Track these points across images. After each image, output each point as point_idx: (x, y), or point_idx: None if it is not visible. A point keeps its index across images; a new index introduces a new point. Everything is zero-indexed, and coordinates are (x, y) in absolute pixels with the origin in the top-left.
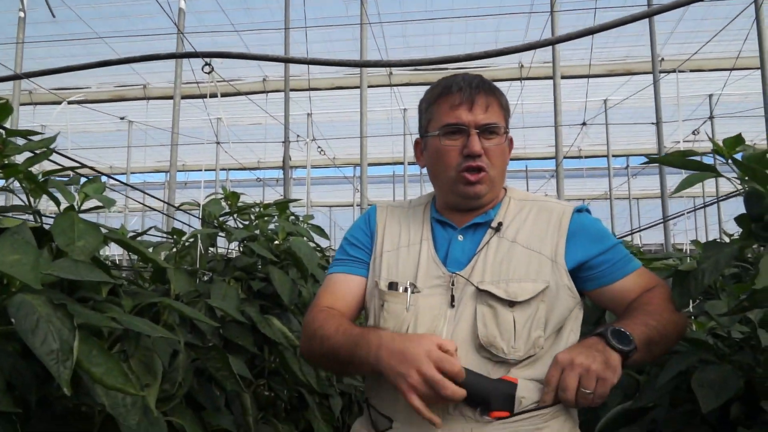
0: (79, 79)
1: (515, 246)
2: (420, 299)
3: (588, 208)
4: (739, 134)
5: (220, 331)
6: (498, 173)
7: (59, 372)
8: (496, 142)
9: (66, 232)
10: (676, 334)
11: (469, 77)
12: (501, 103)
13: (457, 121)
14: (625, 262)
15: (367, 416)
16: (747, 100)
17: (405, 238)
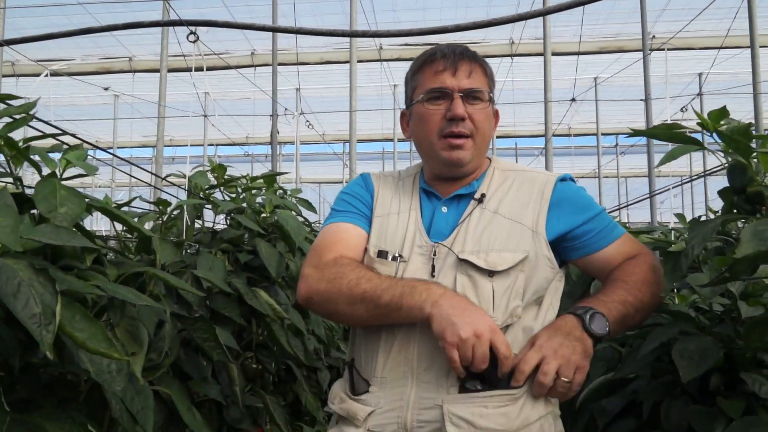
0: (63, 50)
1: (497, 216)
2: (405, 268)
3: (572, 177)
4: (724, 107)
5: (207, 302)
6: (482, 140)
7: (42, 336)
8: (481, 107)
9: (48, 199)
10: (652, 306)
11: (453, 45)
12: (485, 71)
13: (441, 86)
14: (609, 230)
15: (348, 378)
16: (737, 79)
17: (395, 206)
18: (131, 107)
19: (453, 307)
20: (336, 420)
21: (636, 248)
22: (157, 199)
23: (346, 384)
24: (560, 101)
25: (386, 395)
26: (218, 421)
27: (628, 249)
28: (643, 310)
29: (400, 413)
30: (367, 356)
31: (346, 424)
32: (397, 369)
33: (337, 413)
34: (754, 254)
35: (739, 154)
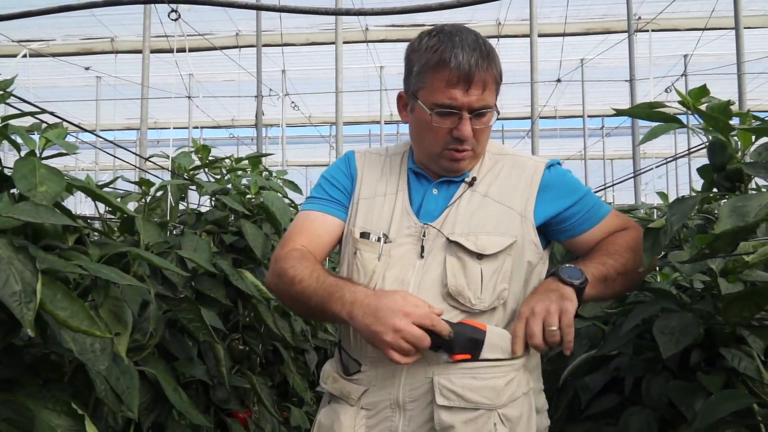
0: (43, 30)
1: (487, 200)
2: (392, 249)
3: (559, 162)
4: (704, 85)
5: (192, 283)
6: (482, 149)
7: (22, 313)
8: (486, 121)
9: (27, 177)
10: (635, 274)
11: (467, 45)
12: (496, 76)
13: (452, 103)
14: (595, 210)
15: (338, 359)
16: (722, 60)
17: (382, 187)
18: (114, 89)
19: (366, 315)
20: (328, 399)
21: (623, 223)
22: (140, 179)
23: (338, 364)
24: (546, 82)
25: (379, 373)
26: (205, 402)
27: (615, 225)
28: (627, 274)
29: (392, 390)
30: (356, 336)
31: (338, 402)
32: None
33: (330, 392)
34: (733, 230)
35: (719, 132)
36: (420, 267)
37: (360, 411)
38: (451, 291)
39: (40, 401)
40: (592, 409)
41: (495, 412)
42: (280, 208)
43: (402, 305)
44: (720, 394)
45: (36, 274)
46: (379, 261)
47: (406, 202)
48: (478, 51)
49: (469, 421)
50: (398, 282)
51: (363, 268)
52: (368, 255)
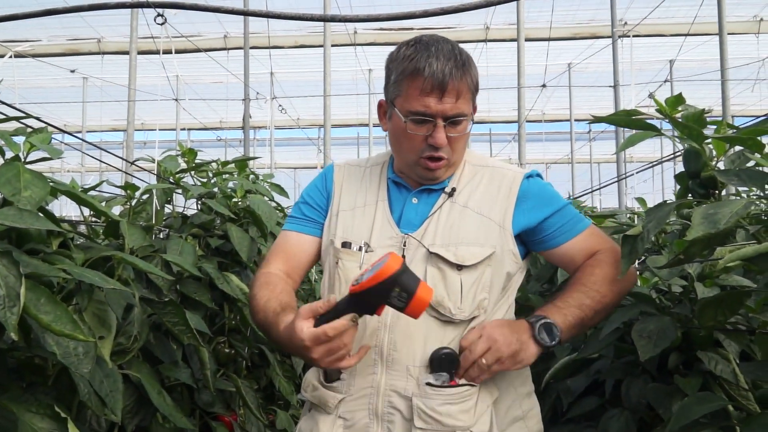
0: (29, 31)
1: (466, 211)
2: (372, 258)
3: (539, 173)
4: (680, 94)
5: (177, 287)
6: (458, 157)
7: (6, 318)
8: (461, 129)
9: (11, 182)
10: (615, 302)
11: (442, 55)
12: (471, 84)
13: (425, 111)
14: (573, 223)
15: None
16: (706, 66)
17: (361, 198)
18: (101, 90)
19: (289, 348)
20: (309, 408)
21: (598, 243)
22: (125, 183)
23: (319, 372)
24: (532, 87)
25: (357, 383)
26: (190, 405)
27: (590, 244)
28: (604, 310)
29: (371, 400)
30: None
31: (318, 411)
32: (368, 356)
33: (310, 401)
34: (704, 236)
35: (693, 140)
36: None
37: (337, 420)
38: (431, 302)
39: (23, 404)
40: (573, 411)
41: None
42: (266, 212)
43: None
44: (694, 396)
45: (20, 279)
46: (360, 270)
47: (387, 211)
48: (453, 60)
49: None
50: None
51: (344, 278)
52: (349, 264)
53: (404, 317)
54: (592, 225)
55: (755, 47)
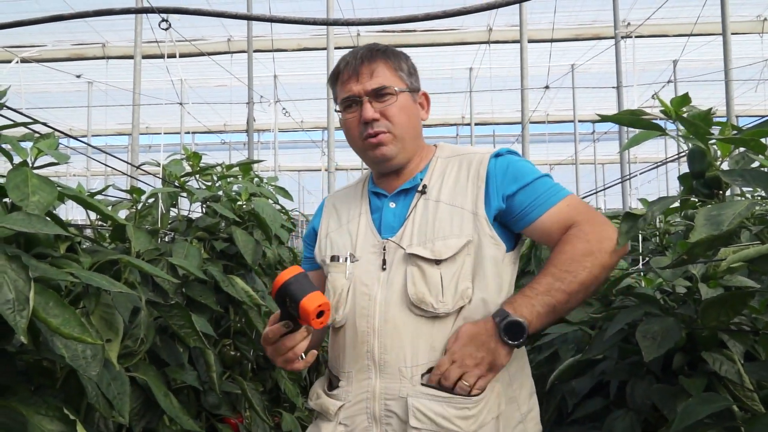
0: (35, 36)
1: (439, 205)
2: (357, 267)
3: (510, 150)
4: (686, 93)
5: (183, 290)
6: (404, 131)
7: (16, 321)
8: (390, 102)
9: (20, 187)
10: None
11: (357, 50)
12: (392, 65)
13: (349, 94)
14: (547, 196)
15: (327, 376)
16: (710, 66)
17: (345, 216)
18: (105, 95)
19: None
20: (315, 416)
21: (575, 214)
22: (131, 187)
23: (325, 382)
24: (535, 89)
25: (354, 389)
26: (196, 408)
27: (566, 216)
28: (580, 289)
29: (368, 404)
30: (335, 353)
31: (321, 419)
32: (361, 362)
33: (314, 410)
34: (707, 238)
35: (698, 139)
36: (385, 281)
37: (338, 426)
38: (413, 300)
39: (32, 407)
40: (578, 412)
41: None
42: (270, 215)
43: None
44: (698, 396)
45: (29, 283)
46: (347, 279)
47: (369, 221)
48: (366, 50)
49: None
50: (365, 297)
51: (333, 288)
52: (337, 275)
53: (390, 321)
54: (569, 196)
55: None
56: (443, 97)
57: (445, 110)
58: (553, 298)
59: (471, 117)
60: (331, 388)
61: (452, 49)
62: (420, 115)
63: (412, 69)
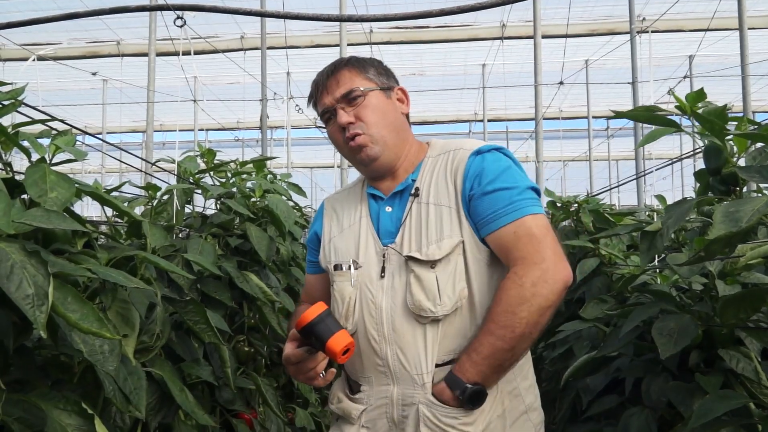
0: (50, 34)
1: (429, 207)
2: (361, 274)
3: (494, 147)
4: (701, 89)
5: (198, 286)
6: (380, 129)
7: (35, 316)
8: (361, 103)
9: (38, 184)
10: (531, 329)
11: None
12: (357, 70)
13: (324, 108)
14: (503, 213)
15: (344, 379)
16: (726, 62)
17: (347, 219)
18: (120, 92)
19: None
20: (336, 418)
21: (512, 246)
22: (146, 184)
23: (345, 385)
24: (549, 84)
25: (374, 393)
26: (211, 403)
27: (506, 243)
28: (522, 340)
29: (387, 409)
30: (351, 359)
31: (344, 422)
32: (378, 369)
33: (336, 413)
34: (726, 235)
35: (714, 135)
36: (388, 287)
37: (361, 429)
38: (412, 309)
39: (50, 401)
40: (593, 409)
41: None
42: (284, 211)
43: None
44: (715, 394)
45: (48, 278)
46: (353, 287)
47: (370, 226)
48: (332, 67)
49: None
50: (372, 304)
51: (340, 298)
52: (343, 284)
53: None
54: (521, 219)
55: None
56: (456, 93)
57: (458, 107)
58: (498, 359)
59: (484, 113)
60: (353, 392)
61: (465, 45)
62: (399, 110)
63: (382, 69)
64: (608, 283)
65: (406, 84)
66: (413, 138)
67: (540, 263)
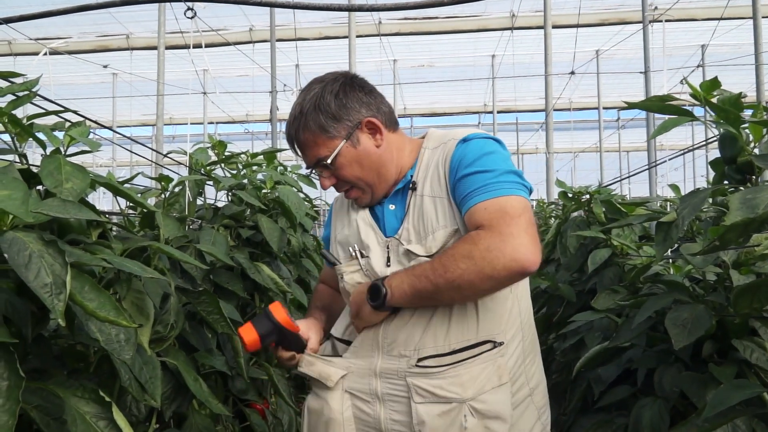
0: (60, 28)
1: (425, 199)
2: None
3: (481, 135)
4: (715, 78)
5: (211, 276)
6: (365, 175)
7: (53, 304)
8: (332, 168)
9: (53, 174)
10: (464, 282)
11: (290, 117)
12: (315, 131)
13: (306, 166)
14: (478, 192)
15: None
16: (740, 51)
17: (350, 217)
18: (130, 86)
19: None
20: (309, 386)
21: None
22: (159, 175)
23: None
24: (560, 75)
25: (357, 363)
26: (224, 393)
27: (478, 218)
28: (447, 287)
29: (370, 381)
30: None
31: (319, 387)
32: (367, 343)
33: (308, 375)
34: (742, 222)
35: (729, 124)
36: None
37: (345, 394)
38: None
39: (69, 389)
40: (604, 400)
41: (465, 404)
42: (295, 203)
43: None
44: (728, 384)
45: (65, 267)
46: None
47: (370, 220)
48: (292, 118)
49: (443, 413)
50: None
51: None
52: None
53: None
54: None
55: None
56: (465, 84)
57: (467, 98)
58: (420, 283)
59: (493, 105)
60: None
61: (475, 36)
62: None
63: (340, 111)
64: (620, 274)
65: (415, 76)
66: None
67: (506, 235)
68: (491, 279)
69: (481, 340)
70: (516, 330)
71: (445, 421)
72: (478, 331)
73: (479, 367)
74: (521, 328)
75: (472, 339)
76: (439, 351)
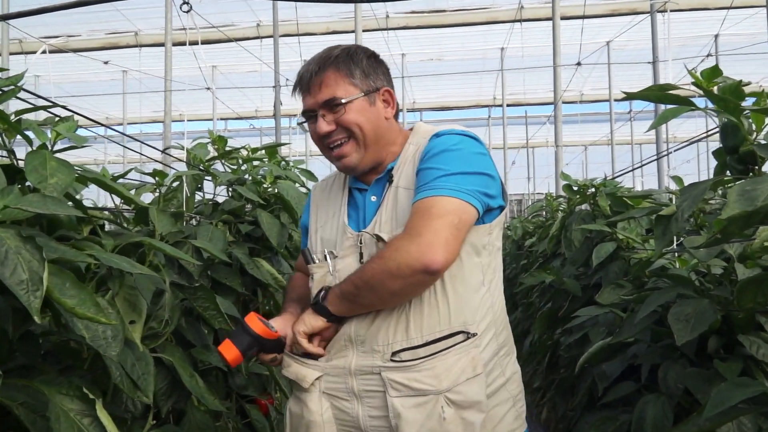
0: (69, 26)
1: (399, 191)
2: (339, 263)
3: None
4: (716, 65)
5: (209, 272)
6: (365, 135)
7: (29, 301)
8: (343, 111)
9: (38, 170)
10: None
11: (310, 61)
12: (343, 72)
13: (306, 108)
14: (422, 189)
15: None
16: (754, 40)
17: (331, 210)
18: (140, 83)
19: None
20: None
21: (410, 218)
22: (153, 170)
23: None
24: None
25: (331, 363)
26: (225, 388)
27: (409, 216)
28: (366, 286)
29: (347, 380)
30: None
31: (298, 389)
32: (340, 342)
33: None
34: (741, 214)
35: (729, 113)
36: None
37: (323, 395)
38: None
39: (54, 386)
40: (608, 396)
41: (441, 396)
42: (295, 198)
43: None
44: (731, 381)
45: (42, 263)
46: (331, 276)
47: (343, 216)
48: (317, 59)
49: (419, 405)
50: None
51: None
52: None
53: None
54: (429, 198)
55: None
56: (475, 78)
57: (477, 91)
58: (346, 286)
59: (503, 98)
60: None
61: (483, 28)
62: (381, 116)
63: (371, 68)
64: (626, 268)
65: (424, 69)
66: (399, 133)
67: (414, 237)
68: (397, 278)
69: (455, 331)
70: (489, 323)
71: (422, 413)
72: (450, 321)
73: (454, 358)
74: (494, 321)
75: (445, 330)
76: (412, 344)
